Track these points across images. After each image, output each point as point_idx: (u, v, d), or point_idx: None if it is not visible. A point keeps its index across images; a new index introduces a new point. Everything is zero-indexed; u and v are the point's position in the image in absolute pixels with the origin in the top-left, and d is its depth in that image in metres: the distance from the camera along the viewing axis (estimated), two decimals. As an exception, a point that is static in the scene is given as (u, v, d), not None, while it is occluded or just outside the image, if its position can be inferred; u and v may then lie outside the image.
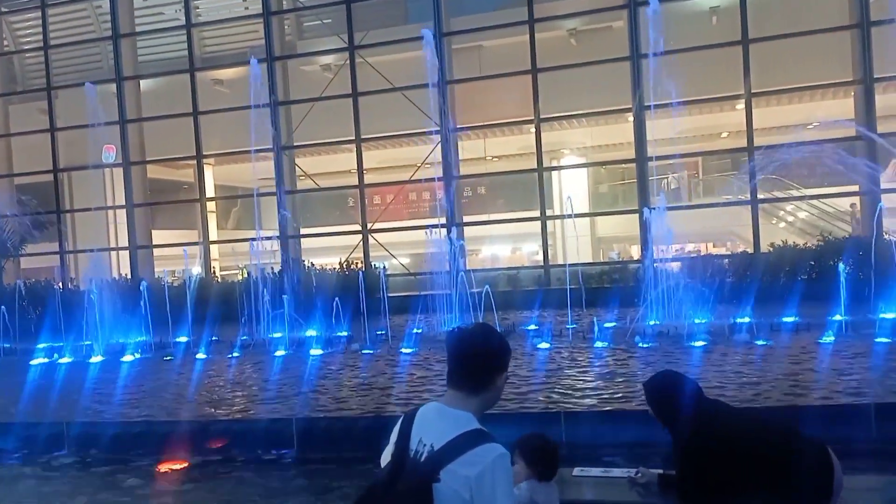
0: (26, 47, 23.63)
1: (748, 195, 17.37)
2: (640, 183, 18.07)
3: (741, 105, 17.77)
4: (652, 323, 11.10)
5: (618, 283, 16.13)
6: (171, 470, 6.37)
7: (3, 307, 13.39)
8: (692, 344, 9.70)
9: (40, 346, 12.78)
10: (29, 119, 22.51)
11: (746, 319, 10.39)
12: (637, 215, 17.60)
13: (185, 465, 6.44)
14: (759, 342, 9.53)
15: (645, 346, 9.89)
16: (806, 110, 19.83)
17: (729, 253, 18.69)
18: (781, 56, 17.53)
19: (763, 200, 18.54)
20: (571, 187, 22.97)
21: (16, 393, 9.14)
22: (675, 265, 13.18)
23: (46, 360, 12.18)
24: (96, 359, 12.00)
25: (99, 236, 20.99)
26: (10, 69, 23.85)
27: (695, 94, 16.98)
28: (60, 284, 18.49)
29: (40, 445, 7.14)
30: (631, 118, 18.23)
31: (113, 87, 21.11)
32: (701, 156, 22.57)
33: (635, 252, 22.14)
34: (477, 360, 2.28)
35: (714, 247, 22.02)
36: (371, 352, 11.01)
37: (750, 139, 17.37)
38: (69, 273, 21.64)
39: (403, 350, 10.89)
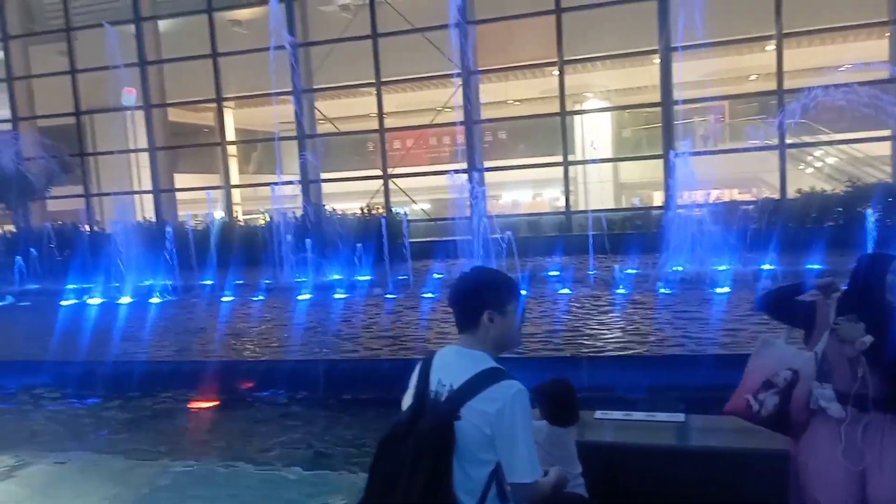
0: (43, -13, 23.40)
1: (776, 140, 17.01)
2: (665, 127, 17.73)
3: (771, 46, 17.22)
4: (674, 269, 11.06)
5: (640, 229, 16.02)
6: (202, 408, 6.55)
7: (32, 249, 13.66)
8: (715, 290, 9.67)
9: (69, 287, 13.07)
10: (49, 61, 22.43)
11: (771, 266, 10.30)
12: (661, 161, 17.35)
13: (215, 403, 6.62)
14: (783, 289, 9.46)
15: (667, 292, 9.88)
16: (838, 52, 19.19)
17: (754, 199, 18.41)
18: (815, -6, 16.93)
19: (791, 145, 18.14)
20: (594, 132, 22.61)
21: (48, 333, 9.38)
22: (699, 211, 13.04)
23: (75, 301, 12.46)
24: (124, 300, 12.26)
25: (122, 179, 21.17)
26: (28, 10, 23.64)
27: (723, 36, 16.50)
28: (87, 227, 18.75)
29: (73, 384, 7.34)
30: (657, 60, 17.78)
31: (132, 27, 20.92)
32: (728, 99, 22.02)
33: (658, 198, 21.89)
34: (471, 299, 2.32)
35: (739, 193, 21.68)
36: (393, 296, 11.11)
37: (780, 82, 16.90)
38: (95, 216, 21.90)
39: (425, 295, 10.98)
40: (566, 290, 10.46)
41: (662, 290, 9.96)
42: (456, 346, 2.35)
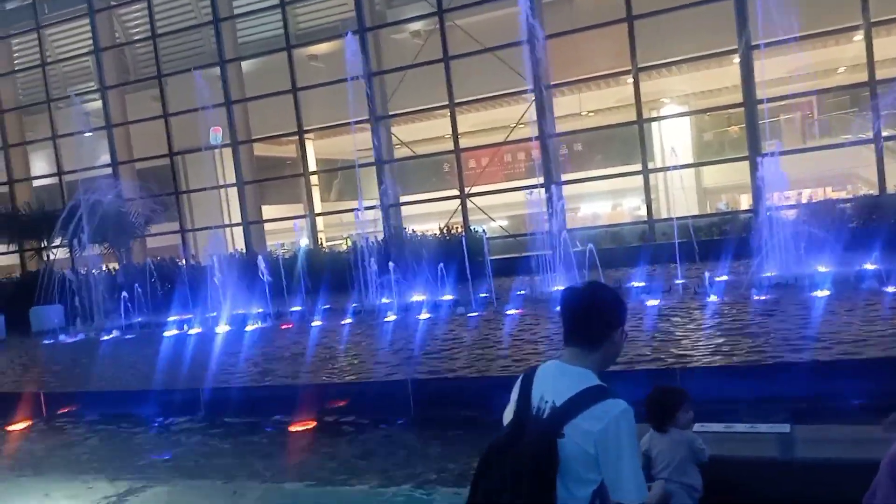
0: (135, 38, 24.99)
1: (871, 133, 16.15)
2: (749, 128, 17.15)
3: (859, 36, 16.43)
4: (768, 274, 10.62)
5: (728, 234, 15.50)
6: (300, 431, 6.74)
7: (136, 284, 14.50)
8: (814, 294, 9.23)
9: (171, 318, 13.77)
10: (143, 107, 23.91)
11: (873, 266, 9.75)
12: (747, 162, 16.79)
13: (312, 425, 6.80)
14: (891, 289, 8.93)
15: (762, 297, 9.50)
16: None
17: (850, 196, 17.50)
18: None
19: (889, 138, 17.18)
20: (673, 138, 22.13)
21: (153, 363, 9.91)
22: (792, 213, 12.51)
23: (177, 331, 13.11)
24: (222, 329, 12.80)
25: (214, 214, 22.20)
26: (122, 60, 25.31)
27: (807, 29, 15.85)
28: (184, 261, 19.73)
29: (177, 411, 7.70)
30: (737, 60, 17.29)
31: (217, 70, 22.03)
32: (816, 94, 21.11)
33: (745, 201, 21.15)
34: (591, 316, 2.29)
35: (833, 191, 20.69)
36: (477, 314, 11.15)
37: (871, 72, 16.08)
38: (190, 250, 23.04)
39: (509, 311, 10.96)
40: (655, 301, 10.21)
41: (757, 297, 9.58)
42: (557, 362, 2.31)
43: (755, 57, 16.16)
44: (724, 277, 11.45)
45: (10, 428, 8.03)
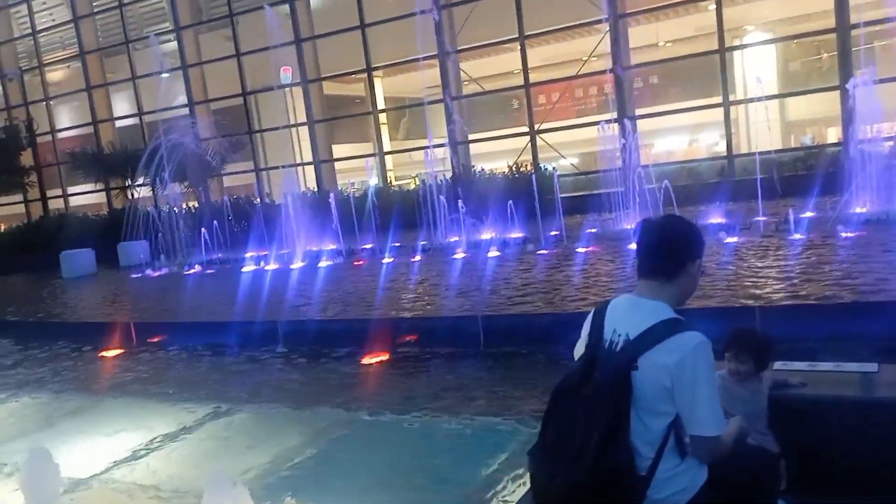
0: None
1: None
2: (841, 56, 16.04)
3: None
4: (858, 210, 10.09)
5: (814, 169, 14.74)
6: (373, 363, 6.92)
7: (214, 222, 15.02)
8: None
9: (248, 255, 14.24)
10: (217, 47, 24.22)
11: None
12: (836, 93, 15.78)
13: (385, 357, 6.98)
14: None
15: (850, 235, 9.06)
16: None
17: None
18: None
19: None
20: (757, 68, 20.91)
21: (233, 297, 10.32)
22: (885, 145, 11.75)
23: (255, 267, 13.57)
24: (297, 265, 13.17)
25: (286, 153, 22.57)
26: (195, 0, 25.55)
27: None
28: (258, 199, 20.27)
29: (258, 341, 8.03)
30: (830, -19, 16.06)
31: (286, 7, 22.01)
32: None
33: (832, 135, 20.00)
34: (668, 248, 2.23)
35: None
36: (547, 252, 11.07)
37: (982, -9, 14.66)
38: (264, 188, 23.60)
39: (579, 249, 10.83)
40: (734, 238, 9.88)
41: (845, 234, 9.14)
42: (631, 296, 2.27)
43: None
44: (810, 214, 10.95)
45: (104, 354, 8.57)
